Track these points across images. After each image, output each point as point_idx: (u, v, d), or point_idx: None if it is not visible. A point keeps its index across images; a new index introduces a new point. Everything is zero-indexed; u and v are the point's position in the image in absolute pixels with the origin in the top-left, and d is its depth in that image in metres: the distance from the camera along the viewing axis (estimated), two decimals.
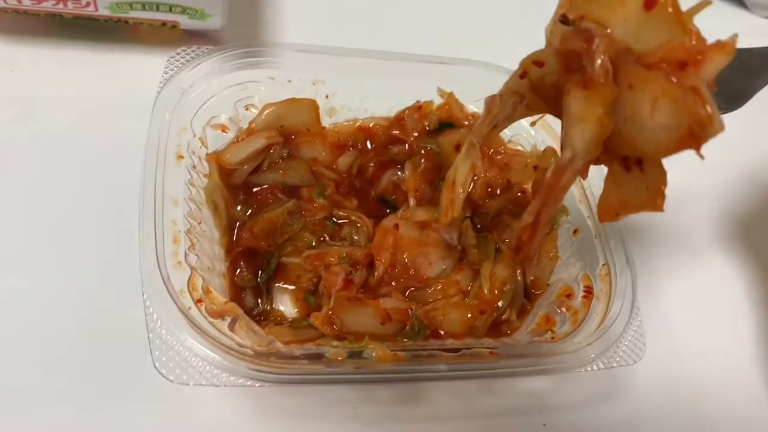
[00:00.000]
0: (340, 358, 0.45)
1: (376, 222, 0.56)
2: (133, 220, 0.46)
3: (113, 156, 0.57)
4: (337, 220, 0.57)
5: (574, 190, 0.59)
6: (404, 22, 0.76)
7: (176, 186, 0.49)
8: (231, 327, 0.46)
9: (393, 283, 0.53)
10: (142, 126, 0.50)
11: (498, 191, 0.61)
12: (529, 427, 0.53)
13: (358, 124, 0.61)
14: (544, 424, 0.53)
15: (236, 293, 0.52)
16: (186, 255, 0.46)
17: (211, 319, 0.45)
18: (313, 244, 0.55)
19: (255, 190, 0.56)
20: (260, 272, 0.54)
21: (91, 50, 0.63)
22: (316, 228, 0.56)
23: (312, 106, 0.58)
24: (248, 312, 0.50)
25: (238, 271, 0.53)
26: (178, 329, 0.41)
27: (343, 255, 0.53)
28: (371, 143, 0.61)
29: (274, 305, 0.53)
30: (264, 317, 0.52)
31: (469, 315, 0.51)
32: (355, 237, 0.56)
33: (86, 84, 0.61)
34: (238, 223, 0.55)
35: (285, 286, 0.54)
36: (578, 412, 0.55)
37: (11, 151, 0.57)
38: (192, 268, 0.46)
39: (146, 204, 0.46)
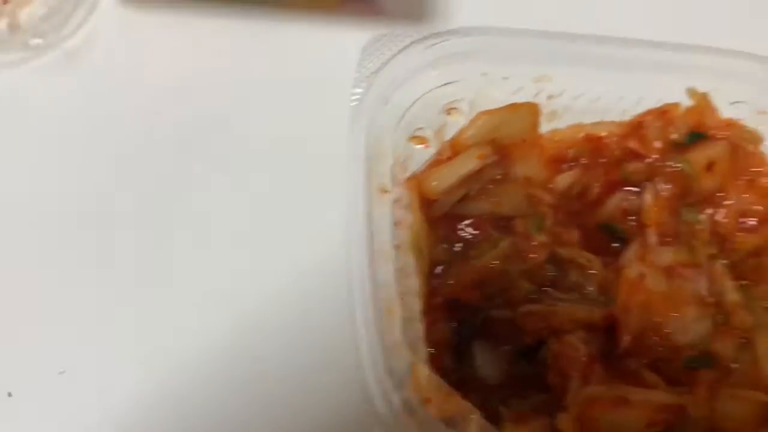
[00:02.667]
0: None
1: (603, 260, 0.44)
2: None
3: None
4: (559, 261, 0.45)
5: None
6: None
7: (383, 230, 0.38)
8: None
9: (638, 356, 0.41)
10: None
11: (756, 222, 0.47)
12: None
13: (585, 131, 0.47)
14: None
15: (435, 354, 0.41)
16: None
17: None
18: (532, 295, 0.43)
19: (459, 224, 0.44)
20: (461, 327, 0.43)
21: None
22: (534, 273, 0.44)
23: (533, 111, 0.45)
24: (446, 376, 0.39)
25: (435, 324, 0.42)
26: None
27: (579, 318, 0.41)
28: (599, 157, 0.47)
29: (476, 368, 0.42)
30: (464, 383, 0.41)
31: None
32: (589, 288, 0.44)
33: None
34: (439, 268, 0.43)
35: (488, 344, 0.43)
36: None
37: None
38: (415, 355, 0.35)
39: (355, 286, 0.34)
